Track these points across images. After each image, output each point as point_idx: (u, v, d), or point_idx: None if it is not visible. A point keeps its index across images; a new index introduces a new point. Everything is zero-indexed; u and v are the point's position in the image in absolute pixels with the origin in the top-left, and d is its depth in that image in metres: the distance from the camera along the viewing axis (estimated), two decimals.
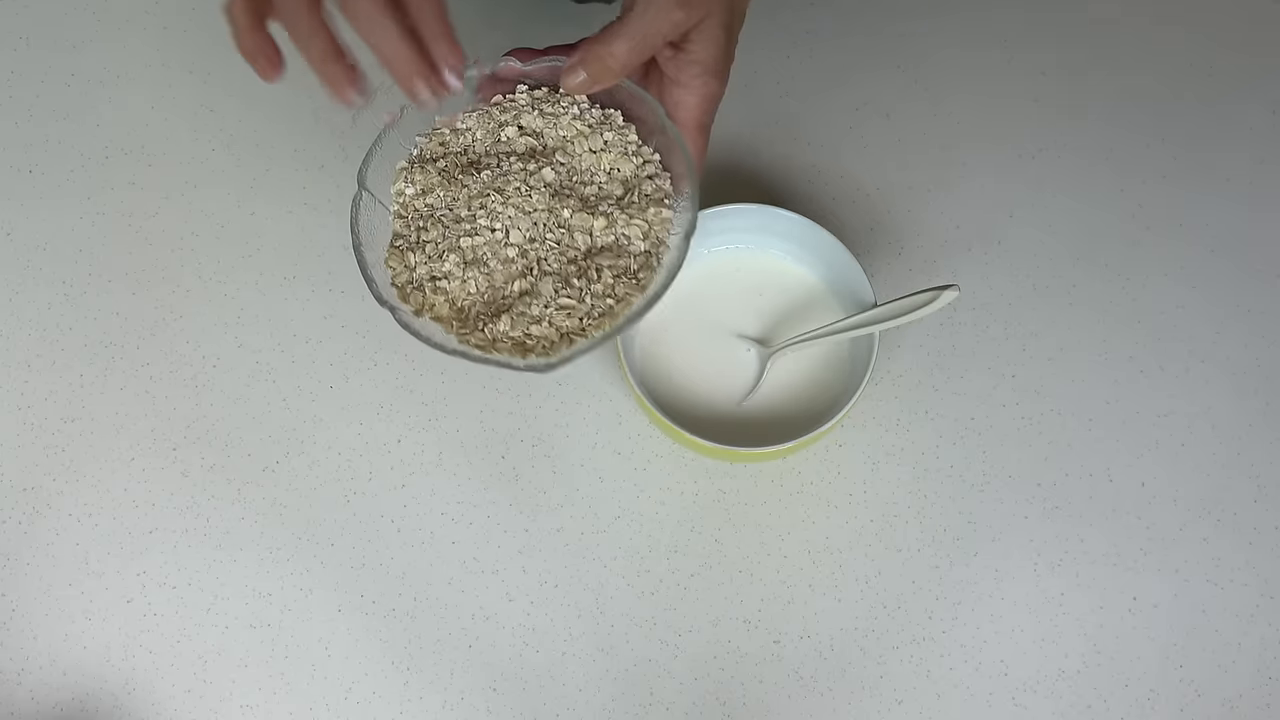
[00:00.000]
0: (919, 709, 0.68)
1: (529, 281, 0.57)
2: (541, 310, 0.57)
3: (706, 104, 0.59)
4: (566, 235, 0.58)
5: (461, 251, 0.58)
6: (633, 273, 0.58)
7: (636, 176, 0.59)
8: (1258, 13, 0.83)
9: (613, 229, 0.58)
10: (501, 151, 0.60)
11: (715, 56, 0.58)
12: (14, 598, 0.71)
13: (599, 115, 0.60)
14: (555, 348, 0.57)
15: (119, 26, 0.84)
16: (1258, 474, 0.72)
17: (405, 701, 0.68)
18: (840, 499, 0.72)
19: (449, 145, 0.61)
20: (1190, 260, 0.77)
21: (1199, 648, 0.69)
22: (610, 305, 0.57)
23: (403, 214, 0.60)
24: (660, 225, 0.59)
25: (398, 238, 0.60)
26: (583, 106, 0.60)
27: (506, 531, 0.71)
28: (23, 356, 0.76)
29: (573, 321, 0.57)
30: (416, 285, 0.58)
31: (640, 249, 0.58)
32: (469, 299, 0.58)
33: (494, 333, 0.57)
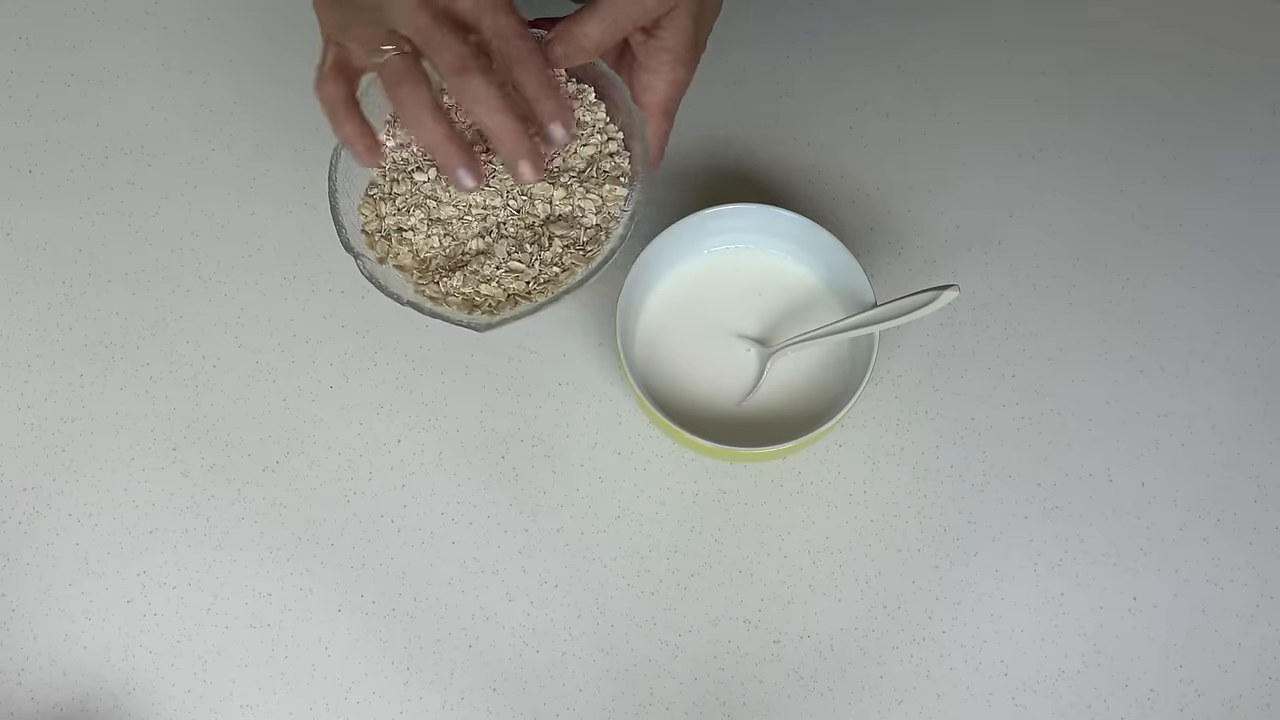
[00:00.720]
0: (919, 709, 0.68)
1: (486, 242, 0.61)
2: (493, 270, 0.60)
3: (672, 90, 0.62)
4: (528, 203, 0.61)
5: (428, 208, 0.61)
6: (581, 244, 0.61)
7: (600, 153, 0.62)
8: (1258, 13, 0.83)
9: (570, 200, 0.61)
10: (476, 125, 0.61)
11: (684, 44, 0.60)
12: (14, 598, 0.71)
13: (573, 89, 0.63)
14: (501, 308, 0.60)
15: (119, 26, 0.84)
16: (1258, 474, 0.72)
17: (405, 701, 0.68)
18: (840, 499, 0.72)
19: None
20: (1190, 260, 0.77)
21: (1199, 648, 0.69)
22: (556, 273, 0.61)
23: (380, 164, 0.62)
24: (613, 202, 0.62)
25: (373, 186, 0.63)
26: (559, 80, 0.63)
27: (506, 531, 0.71)
28: (23, 356, 0.76)
29: (520, 284, 0.60)
30: (384, 234, 0.62)
31: (592, 222, 0.61)
32: (431, 252, 0.61)
33: (447, 286, 0.61)
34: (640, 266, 0.70)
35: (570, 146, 0.62)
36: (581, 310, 0.76)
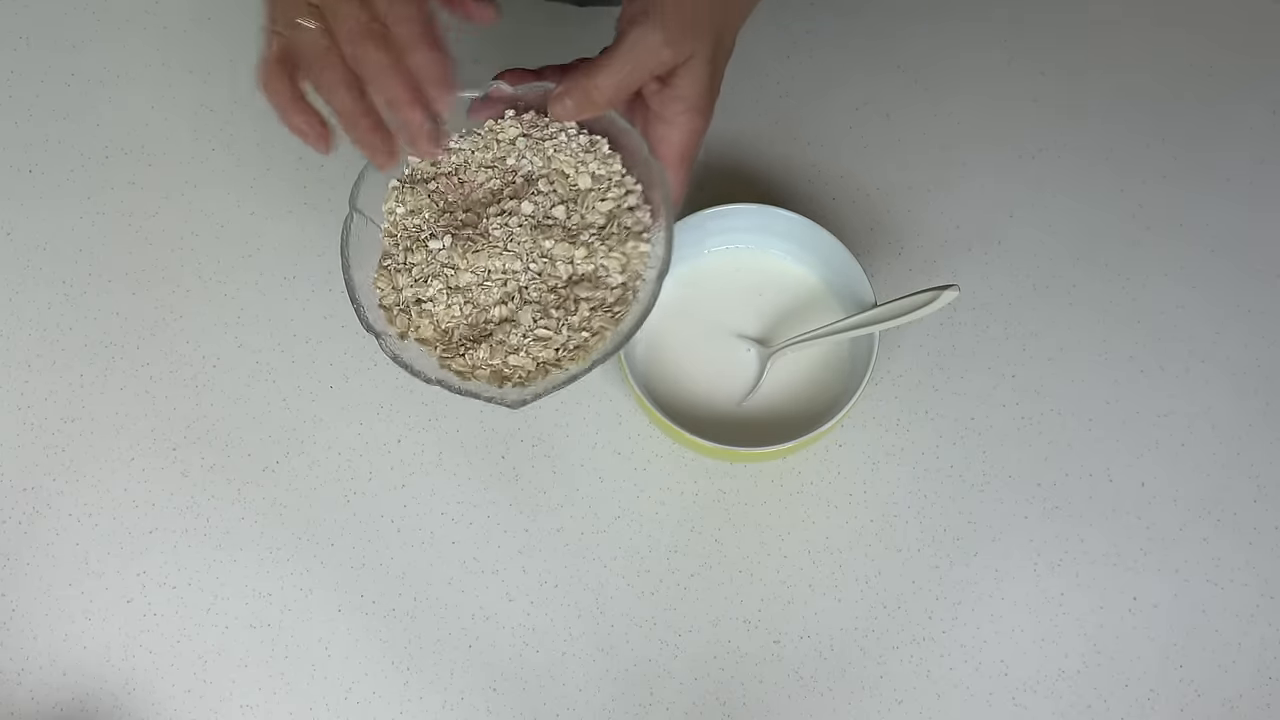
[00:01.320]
0: (919, 709, 0.68)
1: (510, 309, 0.59)
2: (520, 340, 0.58)
3: (690, 139, 0.60)
4: (549, 265, 0.59)
5: (445, 276, 0.59)
6: (609, 306, 0.59)
7: (619, 208, 0.61)
8: (1258, 13, 0.83)
9: (593, 259, 0.59)
10: (490, 185, 0.61)
11: (700, 93, 0.59)
12: (14, 598, 0.71)
13: (586, 142, 0.61)
14: (531, 378, 0.58)
15: (119, 26, 0.84)
16: (1258, 474, 0.72)
17: (405, 701, 0.68)
18: (840, 499, 0.72)
19: (440, 165, 0.62)
20: (1190, 260, 0.77)
21: (1199, 648, 0.69)
22: (586, 338, 0.58)
23: (392, 233, 0.61)
24: (638, 259, 0.60)
25: (386, 257, 0.61)
26: (570, 133, 0.61)
27: (506, 531, 0.71)
28: (23, 356, 0.76)
29: (549, 353, 0.58)
30: (403, 308, 0.60)
31: (617, 281, 0.59)
32: (453, 322, 0.59)
33: (474, 359, 0.58)
34: None
35: (587, 202, 0.60)
36: None
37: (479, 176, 0.61)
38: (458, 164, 0.62)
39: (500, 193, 0.61)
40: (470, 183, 0.61)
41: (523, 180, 0.61)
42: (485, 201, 0.61)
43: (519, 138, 0.61)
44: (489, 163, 0.62)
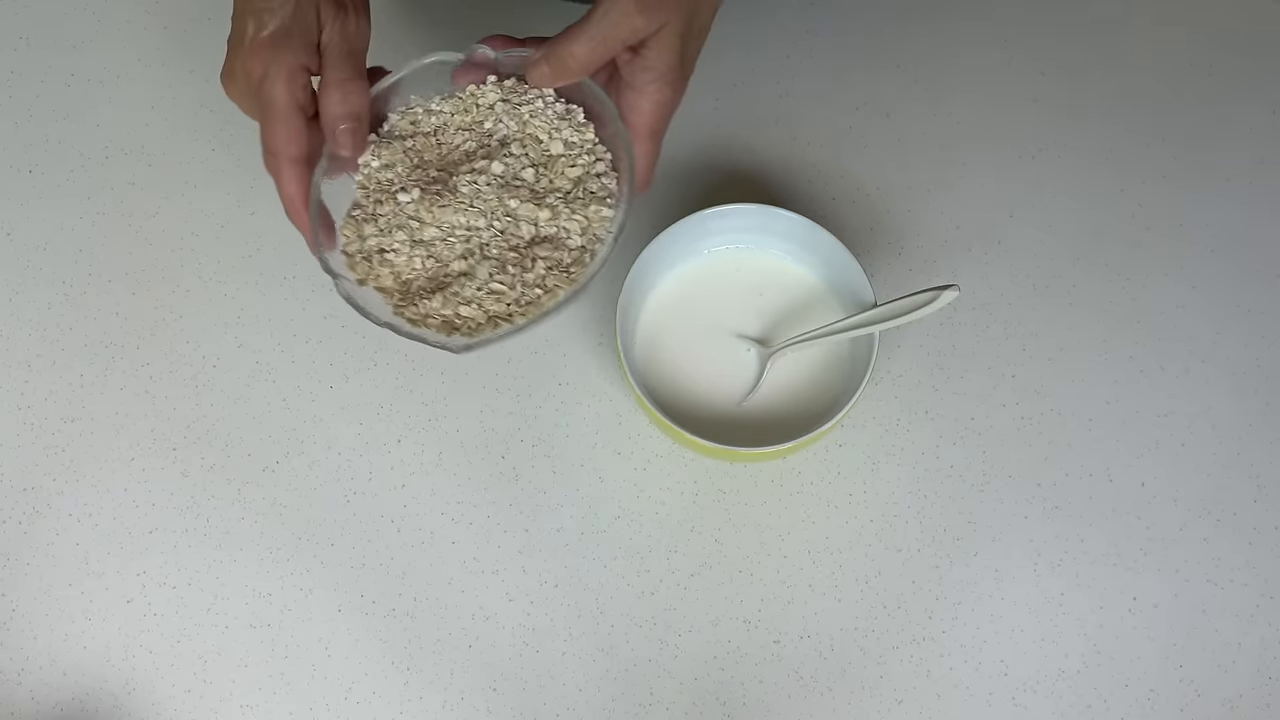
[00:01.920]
0: (919, 709, 0.68)
1: (469, 263, 0.59)
2: (474, 292, 0.59)
3: (659, 110, 0.60)
4: (512, 224, 0.60)
5: (410, 229, 0.60)
6: (565, 266, 0.59)
7: (587, 174, 0.61)
8: (1258, 13, 0.83)
9: (556, 221, 0.60)
10: (466, 146, 0.62)
11: (671, 64, 0.59)
12: (14, 598, 0.71)
13: (562, 109, 0.62)
14: (480, 329, 0.58)
15: (119, 26, 0.84)
16: (1258, 474, 0.72)
17: (405, 701, 0.68)
18: (840, 499, 0.72)
19: (419, 125, 0.62)
20: (1190, 260, 0.77)
21: (1199, 648, 0.69)
22: (538, 295, 0.59)
23: (365, 185, 0.61)
24: (599, 223, 0.60)
25: (356, 207, 0.61)
26: (548, 100, 0.62)
27: (506, 531, 0.71)
28: (23, 356, 0.76)
29: (500, 306, 0.59)
30: (365, 256, 0.60)
31: (577, 244, 0.60)
32: (414, 273, 0.59)
33: (427, 308, 0.59)
34: (640, 266, 0.70)
35: (557, 166, 0.61)
36: (581, 310, 0.76)
37: (456, 138, 0.62)
38: (437, 125, 0.63)
39: (475, 154, 0.62)
40: (447, 144, 0.62)
41: (497, 143, 0.62)
42: (459, 161, 0.62)
43: (498, 102, 0.62)
44: (467, 125, 0.62)
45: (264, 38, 0.56)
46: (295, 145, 0.57)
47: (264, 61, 0.56)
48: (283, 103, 0.56)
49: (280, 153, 0.57)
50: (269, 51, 0.56)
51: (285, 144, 0.57)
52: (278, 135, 0.57)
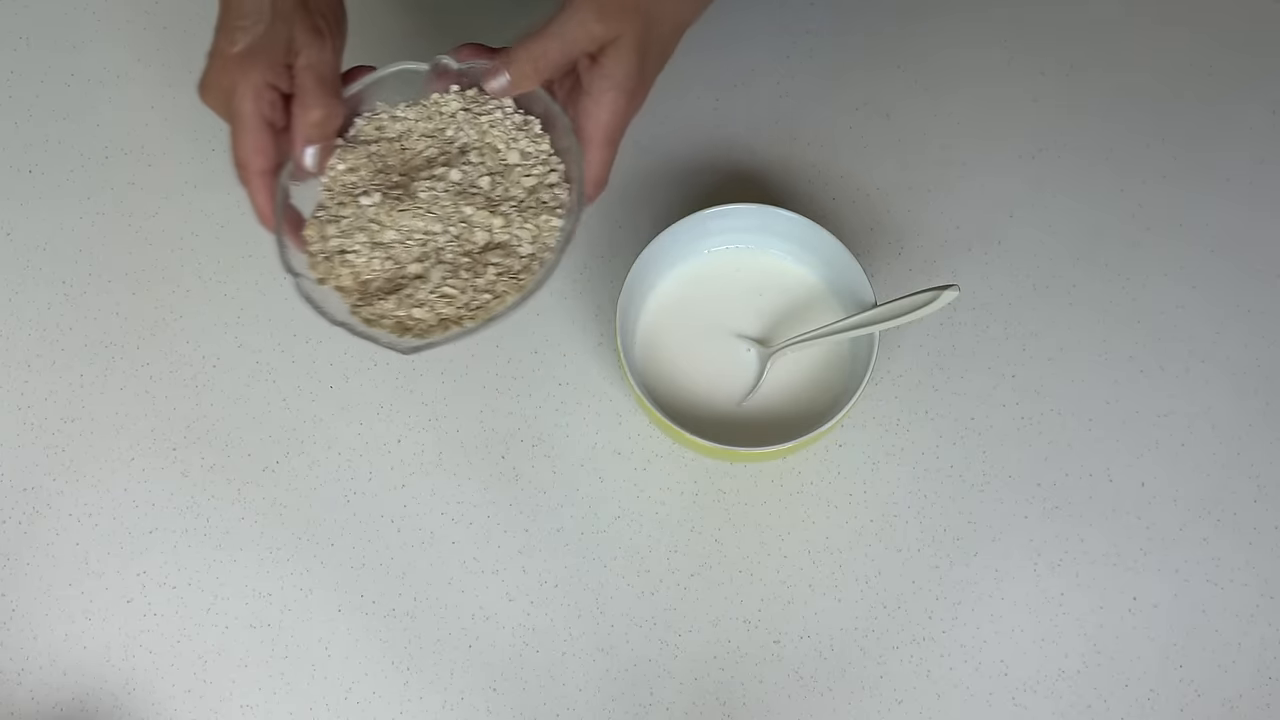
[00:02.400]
0: (919, 709, 0.68)
1: (424, 267, 0.61)
2: (427, 295, 0.60)
3: (614, 119, 0.61)
4: (467, 230, 0.62)
5: (371, 231, 0.62)
6: (514, 273, 0.61)
7: (540, 184, 0.63)
8: (1258, 13, 0.83)
9: (509, 228, 0.62)
10: (428, 153, 0.64)
11: (628, 73, 0.60)
12: (14, 598, 0.71)
13: (520, 120, 0.64)
14: (431, 331, 0.60)
15: (119, 26, 0.84)
16: (1258, 474, 0.72)
17: (405, 701, 0.68)
18: (840, 499, 0.72)
19: (384, 131, 0.64)
20: (1190, 260, 0.77)
21: (1199, 648, 0.69)
22: (488, 299, 0.61)
23: (329, 187, 0.63)
24: (549, 233, 0.62)
25: (320, 209, 0.63)
26: (506, 111, 0.64)
27: (506, 531, 0.71)
28: (23, 356, 0.76)
29: (451, 310, 0.60)
30: (327, 255, 0.62)
31: (527, 251, 0.62)
32: (373, 274, 0.61)
33: (381, 309, 0.61)
34: (640, 266, 0.70)
35: (512, 176, 0.63)
36: (581, 310, 0.76)
37: (419, 144, 0.64)
38: (402, 131, 0.64)
39: (435, 160, 0.64)
40: (411, 150, 0.64)
41: (457, 150, 0.64)
42: (420, 167, 0.63)
43: (460, 111, 0.64)
44: (430, 132, 0.64)
45: (235, 54, 0.58)
46: (261, 158, 0.59)
47: (234, 77, 0.58)
48: (250, 117, 0.58)
49: (248, 165, 0.59)
50: (239, 68, 0.58)
51: (252, 156, 0.59)
52: (245, 148, 0.59)
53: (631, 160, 0.79)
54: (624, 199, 0.78)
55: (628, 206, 0.78)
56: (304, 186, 0.63)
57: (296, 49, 0.59)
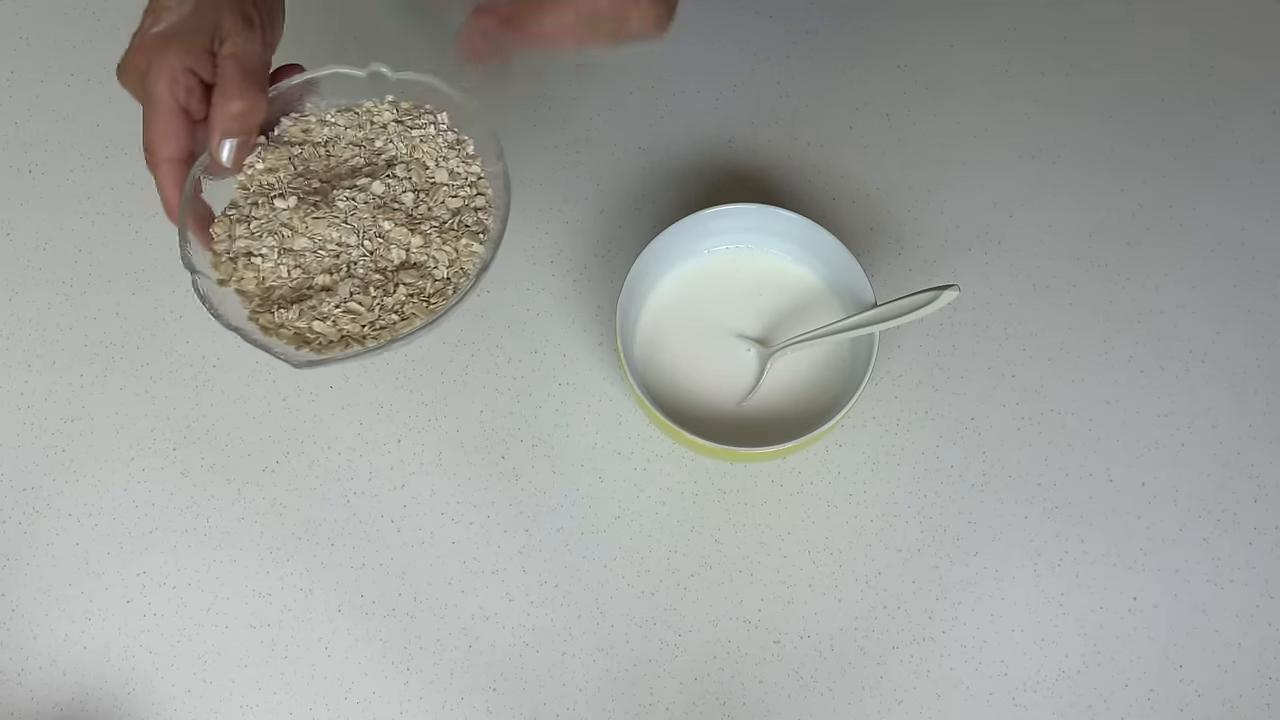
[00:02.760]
0: (919, 709, 0.68)
1: (332, 279, 0.59)
2: (330, 309, 0.58)
3: None
4: (383, 245, 0.59)
5: (281, 236, 0.59)
6: (426, 295, 0.59)
7: (466, 206, 0.61)
8: (1259, 13, 0.83)
9: (426, 249, 0.59)
10: (353, 162, 0.62)
11: None
12: (14, 598, 0.71)
13: (453, 139, 0.62)
14: (331, 347, 0.57)
15: (119, 26, 0.84)
16: (1258, 474, 0.72)
17: (405, 701, 0.68)
18: (840, 499, 0.72)
19: (311, 134, 0.62)
20: (1190, 260, 0.77)
21: (1199, 648, 0.69)
22: (394, 320, 0.58)
23: (245, 185, 0.61)
24: (468, 257, 0.60)
25: (233, 207, 0.61)
26: (440, 127, 0.62)
27: (506, 531, 0.71)
28: (23, 356, 0.76)
29: (355, 326, 0.58)
30: (232, 256, 0.59)
31: (442, 274, 0.59)
32: (279, 281, 0.59)
33: (281, 318, 0.58)
34: (640, 266, 0.70)
35: (438, 195, 0.61)
36: (581, 310, 0.76)
37: (346, 152, 0.62)
38: (329, 136, 0.62)
39: (360, 170, 0.62)
40: (336, 158, 0.62)
41: (384, 162, 0.62)
42: (343, 175, 0.61)
43: (392, 123, 0.62)
44: (359, 141, 0.62)
45: (154, 34, 0.56)
46: (172, 145, 0.57)
47: (149, 58, 0.55)
48: (163, 101, 0.55)
49: (156, 151, 0.57)
50: (156, 49, 0.55)
51: (161, 142, 0.56)
52: (155, 133, 0.56)
53: (631, 160, 0.79)
54: (624, 199, 0.78)
55: (628, 206, 0.78)
56: (219, 183, 0.60)
57: (223, 36, 0.56)
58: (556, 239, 0.78)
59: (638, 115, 0.80)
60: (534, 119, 0.81)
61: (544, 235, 0.78)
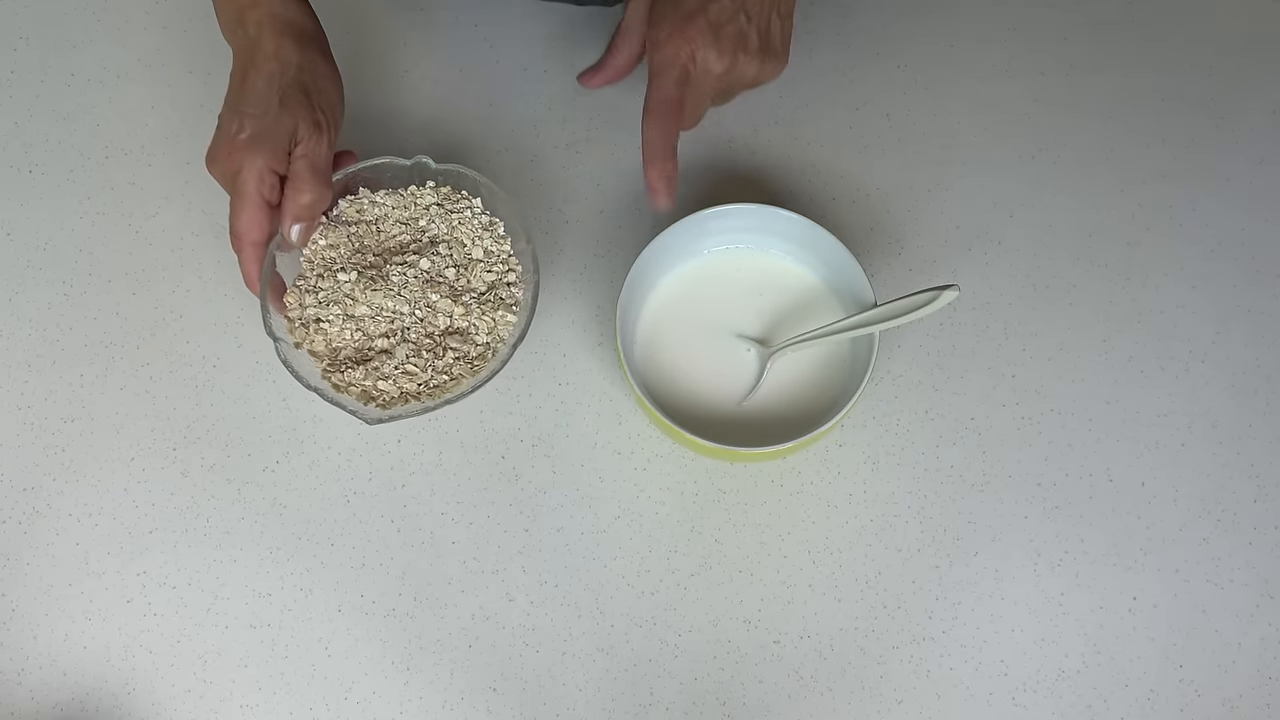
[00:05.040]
0: (919, 709, 0.68)
1: (390, 343, 0.69)
2: (391, 370, 0.68)
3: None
4: (431, 314, 0.69)
5: (345, 305, 0.69)
6: (470, 359, 0.69)
7: (500, 281, 0.71)
8: (1258, 13, 0.83)
9: (468, 317, 0.70)
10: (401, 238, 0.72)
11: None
12: (14, 598, 0.71)
13: (486, 221, 0.72)
14: (393, 403, 0.68)
15: (119, 26, 0.84)
16: (1258, 474, 0.72)
17: (405, 701, 0.68)
18: (840, 499, 0.72)
19: (364, 214, 0.72)
20: (1190, 260, 0.77)
21: (1199, 648, 0.69)
22: (445, 380, 0.69)
23: (310, 259, 0.71)
24: (504, 326, 0.70)
25: (301, 279, 0.71)
26: (475, 210, 0.72)
27: (506, 531, 0.71)
28: (23, 356, 0.76)
29: (413, 385, 0.68)
30: (304, 322, 0.70)
31: (483, 340, 0.70)
32: (343, 343, 0.69)
33: (350, 378, 0.68)
34: (640, 266, 0.70)
35: (475, 270, 0.71)
36: (581, 310, 0.76)
37: (393, 230, 0.72)
38: (379, 216, 0.72)
39: (407, 246, 0.71)
40: (385, 234, 0.72)
41: (428, 240, 0.72)
42: (394, 250, 0.71)
43: (433, 205, 0.72)
44: (404, 220, 0.72)
45: (243, 139, 0.66)
46: (257, 231, 0.67)
47: (241, 160, 0.66)
48: (251, 197, 0.66)
49: (244, 236, 0.67)
50: (246, 152, 0.66)
51: (249, 229, 0.67)
52: (243, 221, 0.67)
53: (631, 160, 0.79)
54: (624, 199, 0.78)
55: (628, 206, 0.78)
56: (288, 256, 0.71)
57: (297, 139, 0.67)
58: (556, 239, 0.78)
59: (638, 115, 0.80)
60: (534, 119, 0.81)
61: (544, 235, 0.78)
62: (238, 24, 0.69)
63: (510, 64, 0.82)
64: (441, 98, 0.81)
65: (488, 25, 0.83)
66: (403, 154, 0.72)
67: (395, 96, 0.81)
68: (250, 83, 0.67)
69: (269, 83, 0.67)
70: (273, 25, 0.68)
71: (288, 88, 0.67)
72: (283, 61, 0.67)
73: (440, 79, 0.82)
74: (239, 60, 0.69)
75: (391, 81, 0.81)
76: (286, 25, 0.68)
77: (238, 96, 0.68)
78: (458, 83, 0.82)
